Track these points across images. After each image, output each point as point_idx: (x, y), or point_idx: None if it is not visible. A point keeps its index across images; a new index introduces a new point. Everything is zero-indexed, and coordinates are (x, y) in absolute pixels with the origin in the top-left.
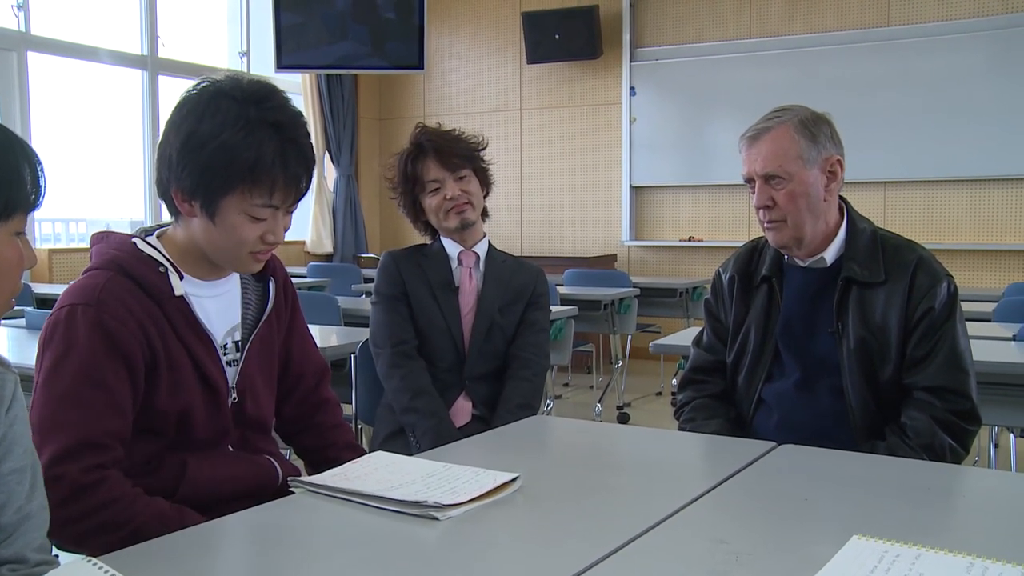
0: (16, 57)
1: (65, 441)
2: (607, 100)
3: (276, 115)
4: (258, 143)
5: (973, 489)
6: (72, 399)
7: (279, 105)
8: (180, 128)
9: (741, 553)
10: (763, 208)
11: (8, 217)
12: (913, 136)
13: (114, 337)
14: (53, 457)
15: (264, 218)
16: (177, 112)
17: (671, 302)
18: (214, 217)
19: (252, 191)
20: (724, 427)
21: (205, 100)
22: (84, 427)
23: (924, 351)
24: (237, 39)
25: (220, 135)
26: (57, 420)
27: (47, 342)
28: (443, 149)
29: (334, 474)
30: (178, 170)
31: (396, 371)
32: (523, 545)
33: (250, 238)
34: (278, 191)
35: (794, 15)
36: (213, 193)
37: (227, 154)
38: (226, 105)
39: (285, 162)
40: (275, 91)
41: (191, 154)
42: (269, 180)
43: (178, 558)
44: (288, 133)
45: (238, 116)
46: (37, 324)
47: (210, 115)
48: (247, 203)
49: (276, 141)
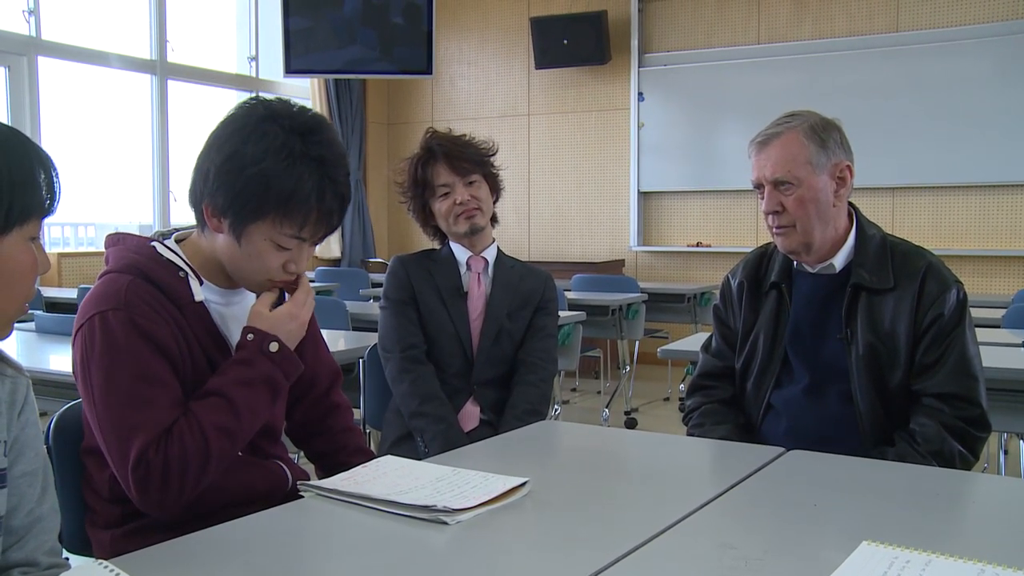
0: (27, 62)
1: (145, 437)
2: (615, 105)
3: (321, 151)
4: (298, 176)
5: (983, 495)
6: (138, 400)
7: (325, 140)
8: (223, 146)
9: (750, 558)
10: (772, 213)
11: (23, 222)
12: (922, 142)
13: (150, 335)
14: (140, 455)
15: (290, 248)
16: (224, 127)
17: (679, 307)
18: (240, 239)
19: (283, 221)
20: (733, 432)
21: (253, 122)
22: (157, 423)
23: (933, 357)
24: (246, 43)
25: (262, 162)
26: (131, 422)
27: (88, 354)
28: (454, 154)
29: (343, 478)
30: (213, 187)
31: (405, 376)
32: (532, 550)
33: (273, 266)
34: (309, 225)
35: (803, 21)
36: (244, 217)
37: (265, 182)
38: (273, 132)
39: (321, 198)
40: (324, 124)
41: (229, 175)
42: (302, 214)
43: (188, 562)
44: (329, 171)
45: (283, 145)
46: (48, 328)
47: (256, 139)
48: (276, 232)
49: (316, 177)
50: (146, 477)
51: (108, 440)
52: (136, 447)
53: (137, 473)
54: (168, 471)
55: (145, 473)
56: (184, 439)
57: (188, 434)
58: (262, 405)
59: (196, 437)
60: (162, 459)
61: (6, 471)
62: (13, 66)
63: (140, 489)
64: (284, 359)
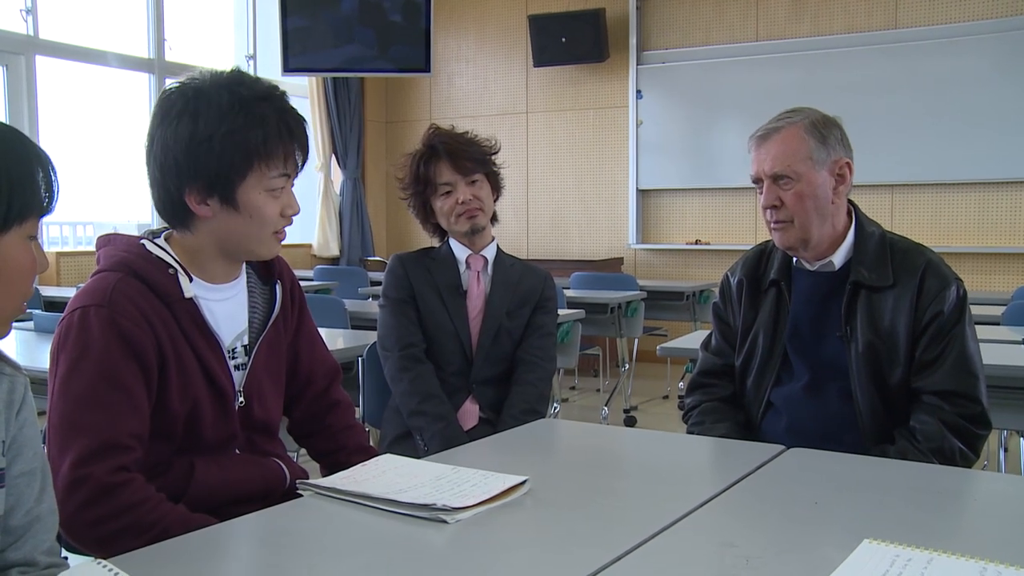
0: (24, 61)
1: (88, 443)
2: (613, 103)
3: (261, 90)
4: (259, 119)
5: (983, 493)
6: (92, 401)
7: (255, 81)
8: (178, 133)
9: (751, 557)
10: (770, 208)
11: (22, 221)
12: (921, 139)
13: (128, 338)
14: (77, 459)
15: (281, 188)
16: (163, 120)
17: (678, 305)
18: (236, 205)
19: (268, 164)
20: (733, 430)
21: (191, 99)
22: (107, 429)
23: (933, 355)
24: (244, 42)
25: (222, 125)
26: (78, 422)
27: (61, 345)
28: (456, 152)
29: (342, 477)
30: (190, 172)
31: (404, 374)
32: (532, 548)
33: (273, 215)
34: (290, 158)
35: (801, 18)
36: (232, 182)
37: (237, 138)
38: (215, 96)
39: (288, 128)
40: (243, 72)
41: (201, 151)
42: (280, 150)
43: (187, 560)
44: (278, 103)
45: (229, 103)
46: (46, 327)
47: (203, 111)
48: (265, 179)
49: (273, 112)
50: (78, 486)
51: (52, 434)
52: (76, 449)
53: (71, 475)
54: (105, 497)
55: (79, 481)
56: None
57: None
58: None
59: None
60: (105, 482)
61: (4, 471)
62: (11, 65)
63: (67, 493)
64: None
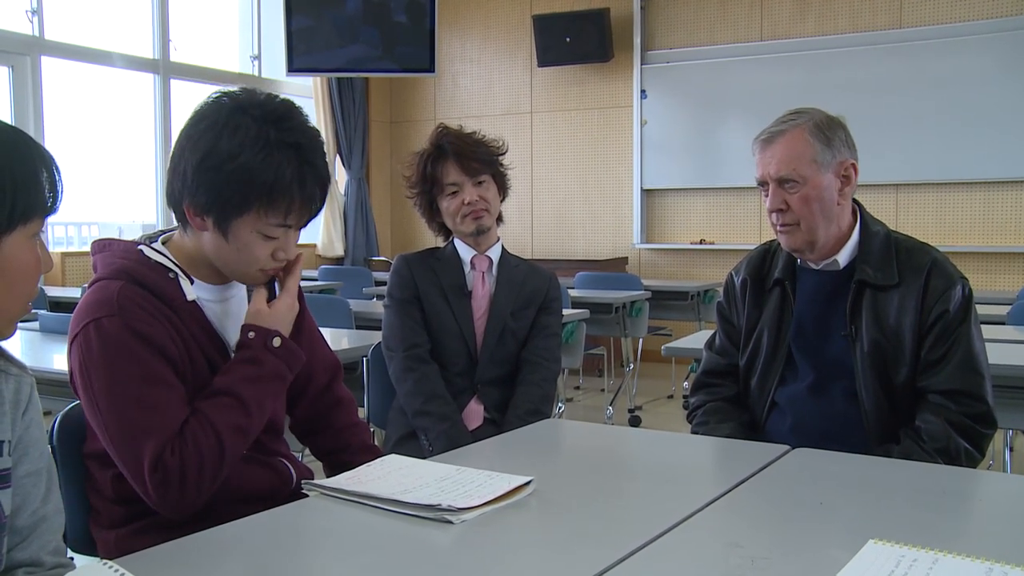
0: (30, 62)
1: (154, 445)
2: (618, 103)
3: (296, 137)
4: (277, 165)
5: (989, 493)
6: (145, 403)
7: (298, 126)
8: (197, 144)
9: (756, 557)
10: (776, 211)
11: (26, 221)
12: (926, 138)
13: (147, 337)
14: (154, 459)
15: (276, 236)
16: (193, 126)
17: (682, 305)
18: (227, 235)
19: (268, 212)
20: (737, 430)
21: (224, 116)
22: (166, 426)
23: (939, 354)
24: (248, 43)
25: (239, 156)
26: (142, 426)
27: (87, 360)
28: (464, 153)
29: (347, 477)
30: (193, 186)
31: (409, 375)
32: (537, 549)
33: (262, 256)
34: (293, 212)
35: (805, 17)
36: (228, 212)
37: (245, 175)
38: (245, 123)
39: (302, 184)
40: (294, 110)
41: (208, 172)
42: (286, 202)
43: (192, 561)
44: (307, 155)
45: (257, 136)
46: (51, 327)
47: (229, 133)
48: (262, 223)
49: (295, 164)
50: (165, 480)
51: (118, 445)
52: (150, 451)
53: (155, 477)
54: (186, 472)
55: (163, 476)
56: (199, 440)
57: (202, 434)
58: (270, 401)
59: (210, 437)
60: (178, 461)
61: (10, 471)
62: (16, 66)
63: (159, 492)
64: (287, 353)
